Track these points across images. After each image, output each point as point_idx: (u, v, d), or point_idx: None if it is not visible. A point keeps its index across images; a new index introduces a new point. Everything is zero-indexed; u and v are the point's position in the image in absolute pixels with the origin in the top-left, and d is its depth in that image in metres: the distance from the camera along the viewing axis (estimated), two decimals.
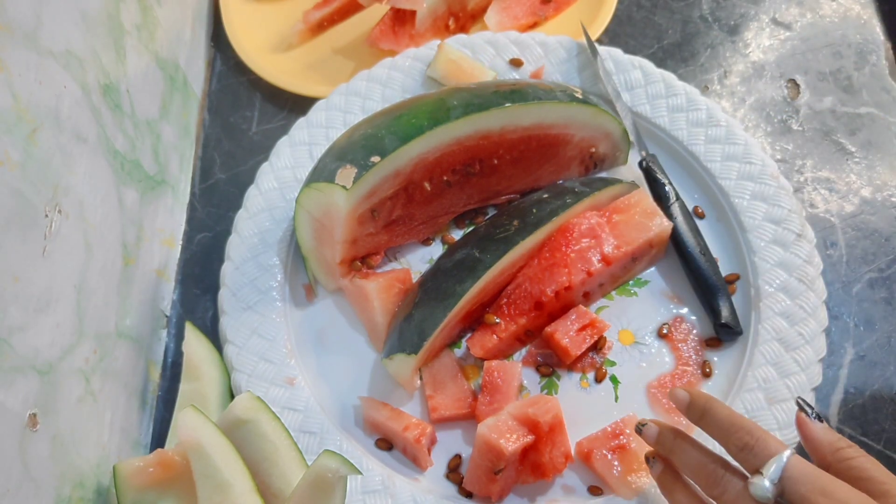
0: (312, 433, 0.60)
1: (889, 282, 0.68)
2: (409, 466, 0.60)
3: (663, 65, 0.78)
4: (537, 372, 0.63)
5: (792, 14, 0.83)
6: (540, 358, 0.64)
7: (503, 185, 0.69)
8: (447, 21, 0.80)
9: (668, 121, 0.71)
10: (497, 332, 0.62)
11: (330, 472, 0.51)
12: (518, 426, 0.55)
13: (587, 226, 0.63)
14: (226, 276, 0.66)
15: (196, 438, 0.53)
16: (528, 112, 0.63)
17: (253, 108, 0.80)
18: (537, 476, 0.57)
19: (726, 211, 0.68)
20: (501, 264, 0.61)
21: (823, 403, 0.64)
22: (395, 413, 0.60)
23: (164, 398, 0.66)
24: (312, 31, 0.82)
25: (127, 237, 0.62)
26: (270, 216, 0.68)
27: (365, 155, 0.60)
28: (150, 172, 0.67)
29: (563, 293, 0.62)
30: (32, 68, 0.48)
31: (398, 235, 0.67)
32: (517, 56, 0.73)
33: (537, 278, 0.62)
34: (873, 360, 0.65)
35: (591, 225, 0.63)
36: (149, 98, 0.67)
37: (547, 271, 0.62)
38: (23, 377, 0.46)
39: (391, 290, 0.64)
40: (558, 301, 0.62)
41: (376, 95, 0.73)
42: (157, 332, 0.68)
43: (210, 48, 0.83)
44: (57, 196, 0.51)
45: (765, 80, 0.79)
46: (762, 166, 0.68)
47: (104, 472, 0.56)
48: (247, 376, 0.62)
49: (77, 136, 0.54)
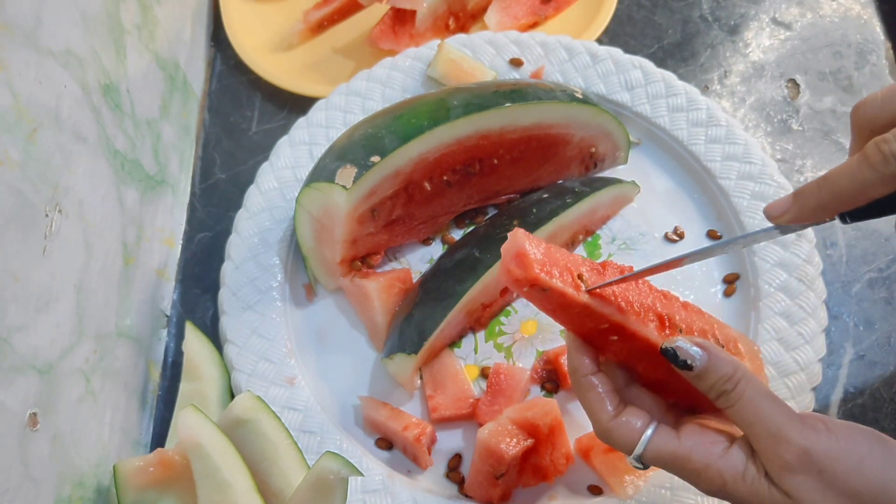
0: (312, 433, 0.60)
1: (889, 282, 0.68)
2: (409, 466, 0.60)
3: (663, 64, 0.78)
4: (542, 389, 0.63)
5: (792, 14, 0.83)
6: (545, 374, 0.63)
7: (503, 185, 0.69)
8: (447, 21, 0.80)
9: (669, 120, 0.71)
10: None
11: (331, 473, 0.51)
12: (518, 430, 0.55)
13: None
14: (226, 275, 0.66)
15: (196, 438, 0.53)
16: (528, 112, 0.63)
17: (253, 107, 0.80)
18: (538, 479, 0.57)
19: (726, 211, 0.68)
20: None
21: (823, 403, 0.64)
22: (395, 413, 0.60)
23: (164, 398, 0.66)
24: (312, 30, 0.82)
25: (127, 237, 0.62)
26: (270, 216, 0.68)
27: (365, 155, 0.60)
28: (150, 172, 0.67)
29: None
30: (32, 68, 0.48)
31: (398, 235, 0.67)
32: (517, 56, 0.73)
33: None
34: (873, 359, 0.65)
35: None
36: (149, 98, 0.67)
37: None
38: (23, 377, 0.46)
39: (391, 290, 0.64)
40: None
41: (376, 95, 0.73)
42: (157, 331, 0.68)
43: (210, 48, 0.83)
44: (57, 196, 0.51)
45: (765, 79, 0.79)
46: (762, 166, 0.68)
47: (104, 472, 0.56)
48: (247, 376, 0.62)
49: (77, 135, 0.54)
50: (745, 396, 0.41)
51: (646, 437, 0.43)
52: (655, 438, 0.43)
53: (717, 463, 0.41)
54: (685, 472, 0.42)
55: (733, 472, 0.41)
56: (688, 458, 0.42)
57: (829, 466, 0.39)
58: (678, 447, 0.42)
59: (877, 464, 0.39)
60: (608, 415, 0.44)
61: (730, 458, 0.41)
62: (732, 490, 0.41)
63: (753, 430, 0.41)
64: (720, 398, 0.42)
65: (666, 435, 0.43)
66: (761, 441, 0.40)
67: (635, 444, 0.43)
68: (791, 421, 0.40)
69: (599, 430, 0.45)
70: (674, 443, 0.42)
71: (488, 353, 0.65)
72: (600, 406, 0.44)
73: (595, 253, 0.69)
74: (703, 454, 0.42)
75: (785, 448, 0.39)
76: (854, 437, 0.40)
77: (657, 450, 0.43)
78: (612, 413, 0.44)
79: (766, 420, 0.40)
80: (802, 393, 0.59)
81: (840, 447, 0.39)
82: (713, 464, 0.41)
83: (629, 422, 0.43)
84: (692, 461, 0.42)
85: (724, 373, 0.41)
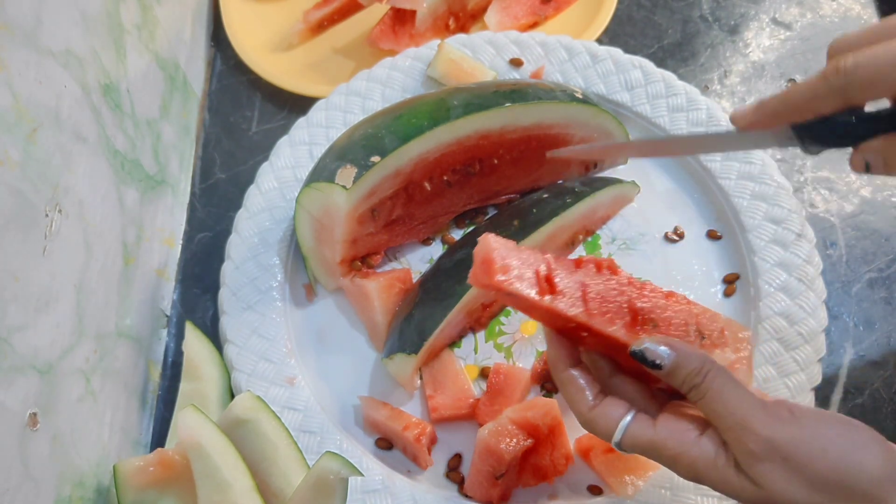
0: (312, 433, 0.60)
1: (889, 282, 0.68)
2: (409, 466, 0.61)
3: (663, 64, 0.78)
4: (542, 389, 0.63)
5: (792, 14, 0.83)
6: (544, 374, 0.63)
7: (503, 185, 0.69)
8: (447, 21, 0.80)
9: (669, 120, 0.71)
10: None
11: (331, 473, 0.51)
12: (517, 430, 0.55)
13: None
14: (226, 275, 0.66)
15: (196, 438, 0.53)
16: (528, 112, 0.63)
17: (253, 107, 0.80)
18: (538, 479, 0.57)
19: (726, 211, 0.68)
20: None
21: (823, 403, 0.64)
22: (395, 413, 0.60)
23: (164, 398, 0.66)
24: (312, 30, 0.82)
25: (127, 237, 0.62)
26: (270, 216, 0.68)
27: (365, 155, 0.60)
28: (150, 172, 0.67)
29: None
30: (32, 68, 0.48)
31: (398, 235, 0.67)
32: (517, 56, 0.73)
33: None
34: (873, 359, 0.65)
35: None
36: (149, 98, 0.67)
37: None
38: (23, 377, 0.46)
39: (391, 290, 0.64)
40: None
41: (376, 95, 0.73)
42: (157, 331, 0.68)
43: (210, 48, 0.83)
44: (57, 196, 0.51)
45: (765, 79, 0.79)
46: (762, 166, 0.68)
47: (104, 472, 0.56)
48: (247, 376, 0.62)
49: (77, 135, 0.54)
50: (713, 389, 0.42)
51: (623, 425, 0.44)
52: (633, 426, 0.44)
53: (690, 451, 0.43)
54: (662, 458, 0.44)
55: (705, 459, 0.42)
56: (663, 445, 0.43)
57: (794, 454, 0.40)
58: (654, 435, 0.44)
59: (842, 449, 0.40)
60: (587, 405, 0.46)
61: (702, 446, 0.42)
62: (705, 476, 0.43)
63: (721, 422, 0.42)
64: (691, 392, 0.43)
65: (643, 423, 0.44)
66: (728, 432, 0.41)
67: (613, 431, 0.45)
68: (755, 411, 0.41)
69: (580, 420, 0.47)
70: (650, 431, 0.44)
71: (488, 353, 0.65)
72: (579, 398, 0.46)
73: (595, 253, 0.69)
74: (676, 442, 0.43)
75: (750, 438, 0.40)
76: (820, 424, 0.41)
77: (634, 437, 0.44)
78: (592, 404, 0.46)
79: (732, 411, 0.41)
80: (802, 393, 0.59)
81: (804, 434, 0.40)
82: (686, 452, 0.43)
83: (608, 412, 0.45)
84: (667, 448, 0.43)
85: (692, 368, 0.43)
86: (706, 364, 0.43)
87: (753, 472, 0.41)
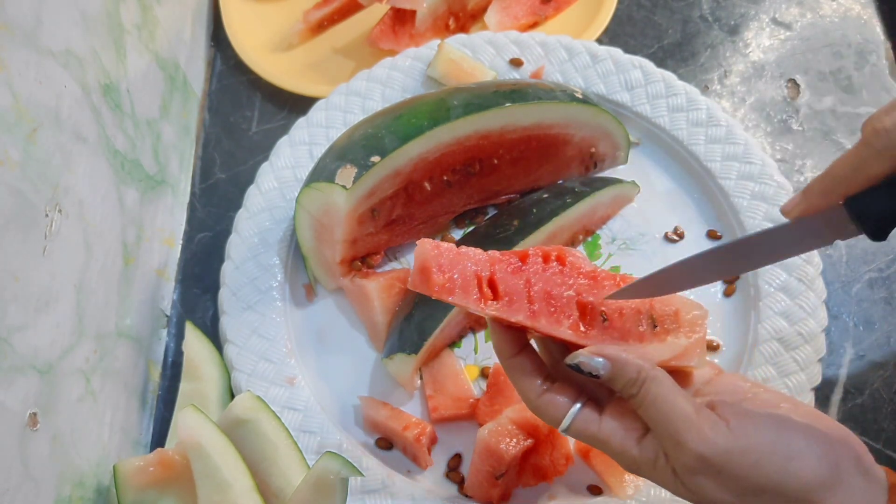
0: (312, 433, 0.60)
1: (889, 281, 0.68)
2: (409, 466, 0.61)
3: (663, 65, 0.78)
4: None
5: (792, 14, 0.83)
6: None
7: (503, 185, 0.69)
8: (447, 21, 0.80)
9: (669, 120, 0.71)
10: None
11: (331, 473, 0.51)
12: (517, 430, 0.55)
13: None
14: (226, 275, 0.66)
15: (196, 438, 0.53)
16: (528, 112, 0.63)
17: (253, 107, 0.80)
18: (538, 479, 0.57)
19: (726, 211, 0.68)
20: None
21: (823, 403, 0.64)
22: (395, 413, 0.60)
23: (164, 398, 0.66)
24: (312, 30, 0.82)
25: (127, 237, 0.62)
26: (270, 216, 0.68)
27: (365, 155, 0.60)
28: (150, 172, 0.67)
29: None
30: (32, 68, 0.48)
31: (398, 235, 0.67)
32: (517, 56, 0.73)
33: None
34: (873, 359, 0.65)
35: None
36: (149, 98, 0.67)
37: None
38: (23, 377, 0.46)
39: (391, 290, 0.64)
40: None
41: (376, 95, 0.73)
42: (157, 331, 0.68)
43: (210, 48, 0.83)
44: (57, 196, 0.51)
45: (765, 79, 0.79)
46: (762, 166, 0.68)
47: (104, 472, 0.56)
48: (247, 376, 0.62)
49: (77, 135, 0.54)
50: (649, 398, 0.42)
51: (571, 414, 0.45)
52: (579, 418, 0.45)
53: (631, 451, 0.43)
54: (606, 452, 0.45)
55: (646, 460, 0.43)
56: (606, 441, 0.44)
57: (727, 467, 0.40)
58: (598, 430, 0.44)
59: (775, 460, 0.40)
60: (535, 393, 0.46)
61: (643, 448, 0.43)
62: (646, 475, 0.44)
63: (657, 432, 0.42)
64: (630, 400, 0.43)
65: (589, 416, 0.45)
66: (664, 442, 0.42)
67: (560, 420, 0.45)
68: (689, 425, 0.41)
69: (529, 407, 0.47)
70: (594, 426, 0.44)
71: (488, 353, 0.65)
72: (527, 384, 0.46)
73: (595, 253, 0.69)
74: (619, 440, 0.44)
75: (682, 453, 0.41)
76: (757, 432, 0.41)
77: (579, 430, 0.45)
78: (540, 390, 0.46)
79: (667, 423, 0.41)
80: (802, 393, 0.59)
81: (737, 446, 0.40)
82: (628, 451, 0.43)
83: (555, 399, 0.45)
84: (610, 444, 0.44)
85: (628, 378, 0.43)
86: (642, 373, 0.43)
87: (687, 483, 0.41)
